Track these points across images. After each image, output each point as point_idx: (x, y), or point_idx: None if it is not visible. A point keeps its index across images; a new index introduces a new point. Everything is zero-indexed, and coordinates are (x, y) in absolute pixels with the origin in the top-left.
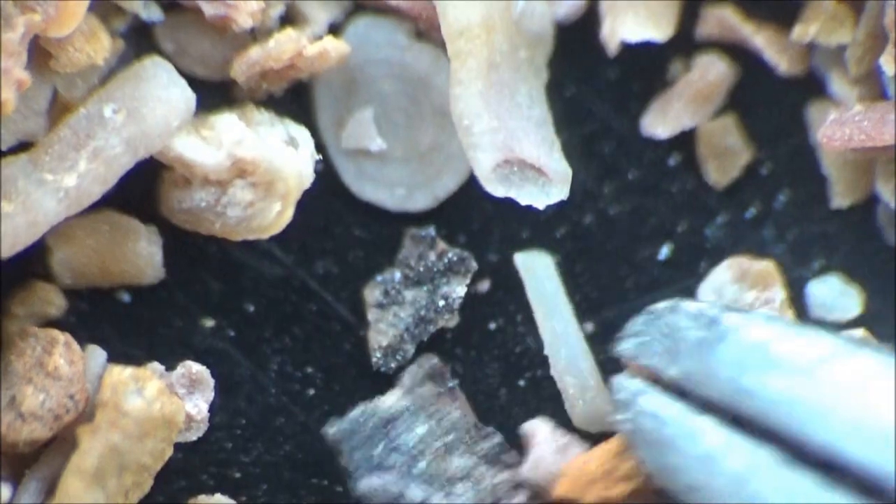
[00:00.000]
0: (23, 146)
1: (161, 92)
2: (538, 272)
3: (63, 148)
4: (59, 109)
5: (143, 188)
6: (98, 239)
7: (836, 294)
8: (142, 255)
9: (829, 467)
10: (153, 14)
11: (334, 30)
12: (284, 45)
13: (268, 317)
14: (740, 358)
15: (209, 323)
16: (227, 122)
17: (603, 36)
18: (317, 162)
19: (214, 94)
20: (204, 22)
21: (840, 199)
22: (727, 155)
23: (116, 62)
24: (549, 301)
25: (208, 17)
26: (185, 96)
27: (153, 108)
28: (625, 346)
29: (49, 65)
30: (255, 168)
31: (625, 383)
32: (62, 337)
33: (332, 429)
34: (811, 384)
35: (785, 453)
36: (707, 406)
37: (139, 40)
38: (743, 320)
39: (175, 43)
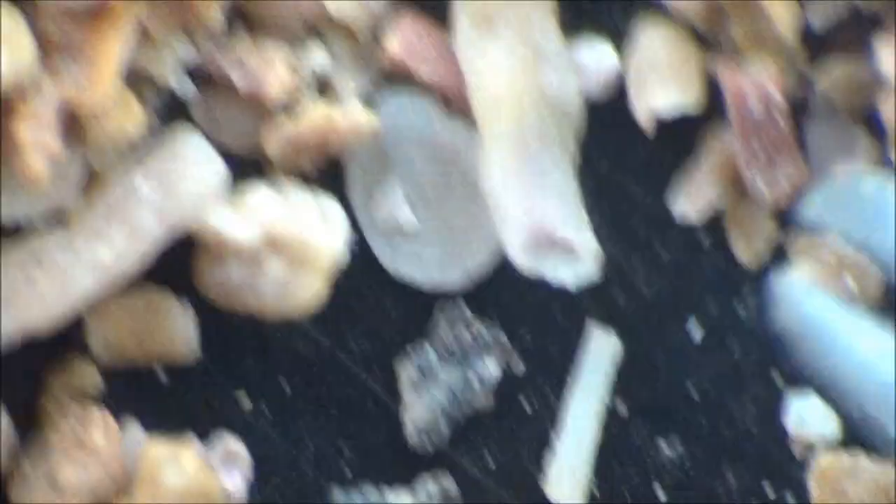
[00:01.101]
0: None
1: (195, 167)
2: (602, 353)
3: (98, 223)
4: (91, 181)
5: (180, 266)
6: (136, 317)
7: None
8: (179, 333)
9: None
10: (186, 88)
11: (366, 104)
12: (315, 119)
13: (303, 395)
14: None
15: (245, 400)
16: (260, 197)
17: (634, 108)
18: (350, 239)
19: (247, 168)
20: (236, 96)
21: None
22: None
23: (148, 134)
24: (593, 384)
25: (240, 90)
26: (218, 171)
27: (187, 183)
28: (809, 210)
29: (83, 137)
30: (289, 244)
31: (790, 282)
32: (99, 413)
33: None
34: None
35: None
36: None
37: (170, 112)
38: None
39: (207, 116)
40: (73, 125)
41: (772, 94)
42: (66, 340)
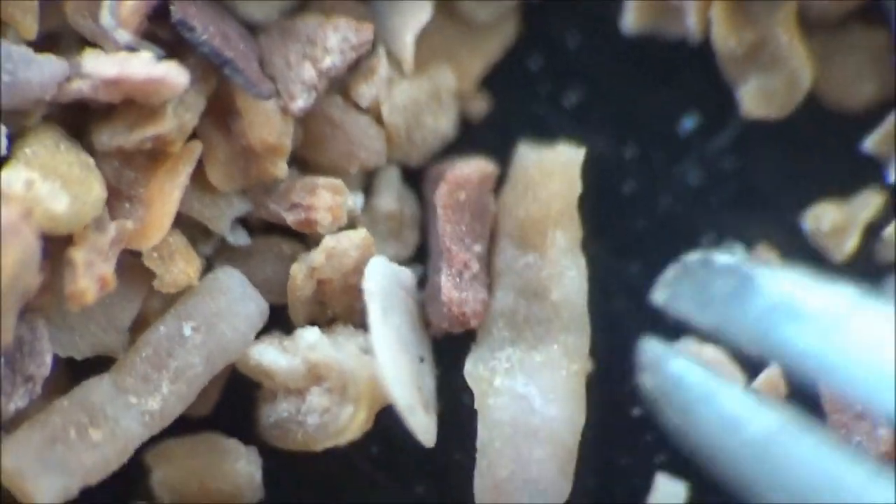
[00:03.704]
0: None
1: (237, 306)
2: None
3: (145, 369)
4: (137, 325)
5: (242, 410)
6: (198, 460)
7: None
8: (241, 475)
9: None
10: (240, 238)
11: None
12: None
13: None
14: (771, 310)
15: None
16: (307, 332)
17: None
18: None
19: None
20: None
21: None
22: None
23: None
24: None
25: (291, 224)
26: (259, 307)
27: (230, 322)
28: (659, 295)
29: (136, 282)
30: (329, 372)
31: (651, 346)
32: None
33: None
34: (837, 336)
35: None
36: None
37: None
38: (772, 274)
39: (245, 262)
40: (127, 271)
41: None
42: (127, 484)
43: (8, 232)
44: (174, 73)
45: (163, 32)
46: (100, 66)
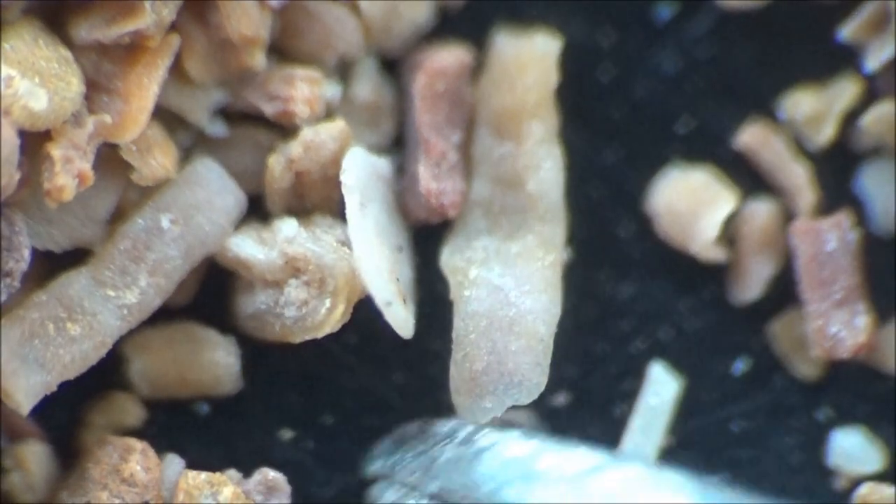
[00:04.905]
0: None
1: (215, 197)
2: (663, 389)
3: (123, 262)
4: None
5: (220, 300)
6: (176, 349)
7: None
8: (220, 365)
9: None
10: (218, 129)
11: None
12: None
13: (346, 429)
14: (500, 472)
15: (287, 434)
16: (285, 224)
17: (700, 252)
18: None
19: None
20: (252, 133)
21: None
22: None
23: None
24: (653, 418)
25: (269, 116)
26: (237, 198)
27: (208, 214)
28: (376, 467)
29: (113, 174)
30: (307, 266)
31: (386, 490)
32: (139, 445)
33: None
34: (578, 494)
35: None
36: None
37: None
38: (499, 437)
39: (223, 153)
40: (104, 163)
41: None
42: (105, 373)
43: None
44: None
45: None
46: None
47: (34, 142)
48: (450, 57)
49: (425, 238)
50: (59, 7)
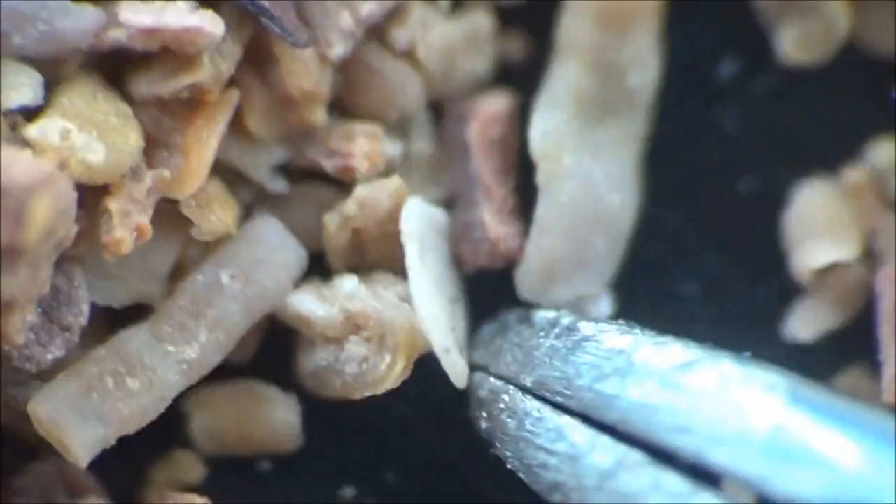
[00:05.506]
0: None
1: (275, 254)
2: None
3: (183, 317)
4: (175, 274)
5: (281, 357)
6: (237, 406)
7: None
8: (281, 422)
9: (694, 471)
10: (279, 185)
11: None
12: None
13: (408, 485)
14: (598, 365)
15: (349, 491)
16: (345, 281)
17: (793, 269)
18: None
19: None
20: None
21: None
22: None
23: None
24: None
25: (330, 171)
26: (298, 255)
27: (268, 270)
28: (477, 356)
29: (173, 230)
30: (367, 322)
31: (485, 381)
32: (200, 502)
33: None
34: (669, 391)
35: (650, 455)
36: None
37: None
38: (598, 329)
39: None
40: (164, 219)
41: None
42: (167, 430)
43: (42, 182)
44: (209, 23)
45: None
46: (136, 16)
47: (92, 196)
48: (500, 103)
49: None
50: (119, 62)
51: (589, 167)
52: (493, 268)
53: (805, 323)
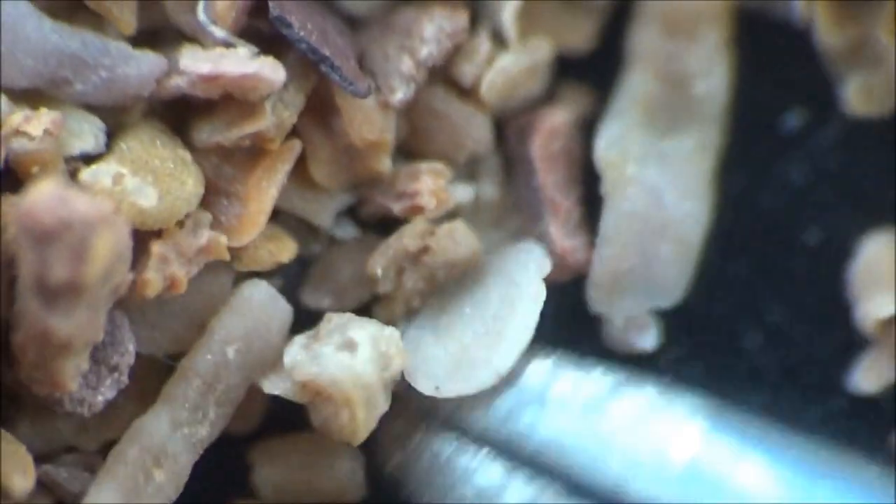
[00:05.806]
0: None
1: (268, 318)
2: None
3: (196, 399)
4: None
5: None
6: (301, 457)
7: None
8: (345, 473)
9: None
10: (347, 232)
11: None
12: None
13: None
14: (516, 400)
15: None
16: (286, 355)
17: (858, 321)
18: None
19: None
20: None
21: None
22: None
23: None
24: None
25: (398, 214)
26: (286, 313)
27: (264, 336)
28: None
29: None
30: (316, 387)
31: (397, 425)
32: None
33: None
34: (585, 423)
35: (568, 489)
36: (485, 447)
37: None
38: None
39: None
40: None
41: None
42: (229, 481)
43: (104, 219)
44: (270, 70)
45: (264, 28)
46: (196, 63)
47: (146, 244)
48: (561, 115)
49: None
50: (185, 110)
51: (655, 176)
52: (561, 281)
53: (869, 375)
